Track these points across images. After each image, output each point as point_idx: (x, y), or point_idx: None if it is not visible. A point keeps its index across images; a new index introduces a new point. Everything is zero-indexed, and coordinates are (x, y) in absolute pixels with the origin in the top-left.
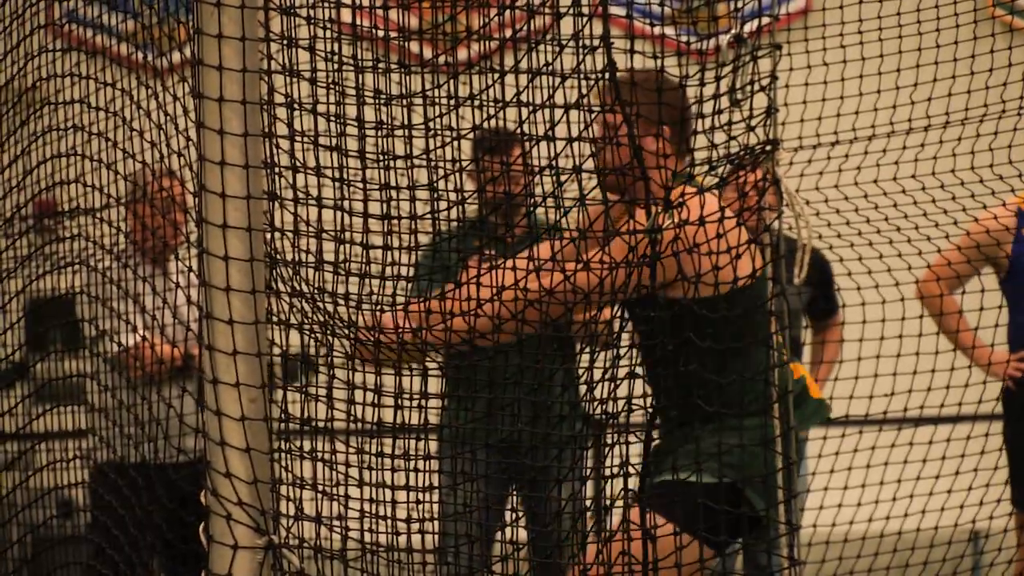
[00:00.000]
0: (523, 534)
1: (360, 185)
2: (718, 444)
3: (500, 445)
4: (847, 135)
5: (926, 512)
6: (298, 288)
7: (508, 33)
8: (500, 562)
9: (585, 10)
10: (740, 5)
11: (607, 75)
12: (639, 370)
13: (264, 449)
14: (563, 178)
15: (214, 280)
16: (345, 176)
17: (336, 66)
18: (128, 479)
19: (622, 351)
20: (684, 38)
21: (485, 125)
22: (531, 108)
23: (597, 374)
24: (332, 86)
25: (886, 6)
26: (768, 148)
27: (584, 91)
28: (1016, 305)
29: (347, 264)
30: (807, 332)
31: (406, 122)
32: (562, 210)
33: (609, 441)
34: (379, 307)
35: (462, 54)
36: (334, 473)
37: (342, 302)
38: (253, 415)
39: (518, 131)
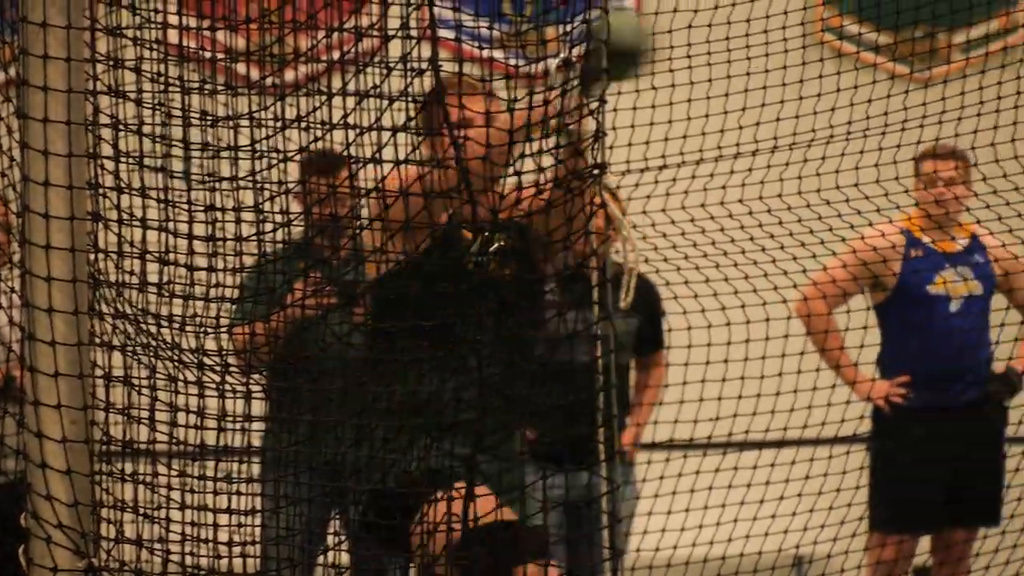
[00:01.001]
0: (345, 558)
1: (185, 206)
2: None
3: (323, 468)
4: (675, 159)
5: (750, 537)
6: (121, 309)
7: (336, 55)
8: None
9: (414, 33)
10: (569, 29)
11: (436, 97)
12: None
13: (85, 471)
14: (389, 200)
15: (36, 301)
16: (170, 197)
17: (162, 87)
18: None
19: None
20: (513, 61)
21: (312, 147)
22: (358, 130)
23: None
24: (158, 107)
25: (715, 31)
26: (596, 172)
27: (412, 113)
28: (897, 328)
29: (171, 285)
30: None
31: (232, 143)
32: (387, 232)
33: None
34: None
35: (289, 76)
36: (155, 496)
37: (166, 324)
38: (74, 437)
39: (345, 153)
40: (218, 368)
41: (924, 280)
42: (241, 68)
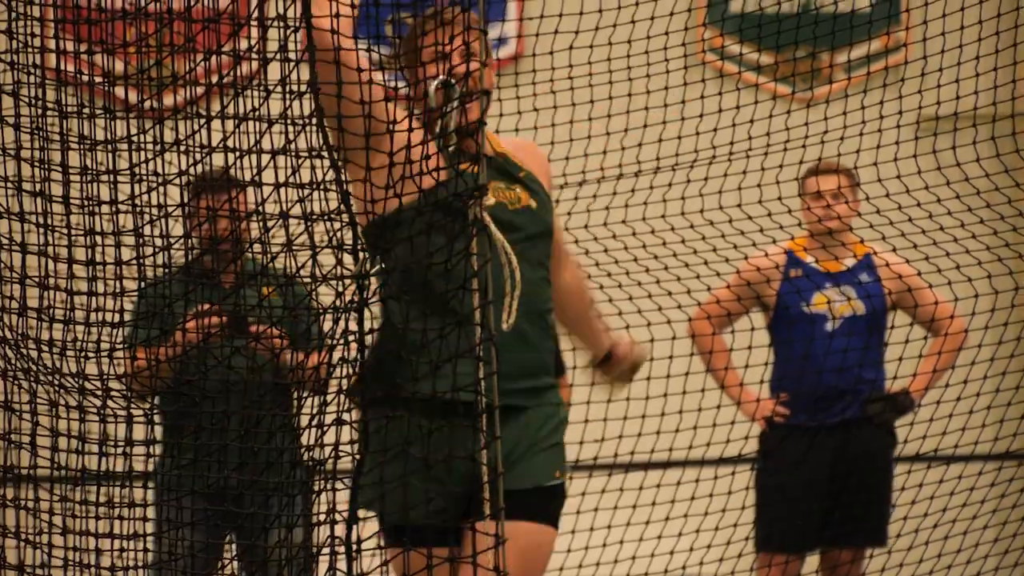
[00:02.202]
0: None
1: (64, 231)
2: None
3: (208, 492)
4: (558, 180)
5: (636, 558)
6: (1, 334)
7: (215, 79)
8: None
9: (292, 56)
10: (449, 51)
11: (314, 120)
12: (346, 416)
13: None
14: (270, 223)
15: None
16: (49, 222)
17: (40, 111)
18: None
19: (329, 397)
20: (393, 83)
21: (192, 171)
22: (238, 153)
23: (307, 420)
24: (36, 131)
25: (596, 51)
26: (476, 193)
27: (291, 136)
28: (780, 347)
29: (51, 310)
30: None
31: (111, 167)
32: (269, 255)
33: (317, 488)
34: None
35: (168, 99)
36: (37, 521)
37: (46, 348)
38: None
39: (231, 175)
40: (99, 393)
41: (803, 299)
42: (120, 92)
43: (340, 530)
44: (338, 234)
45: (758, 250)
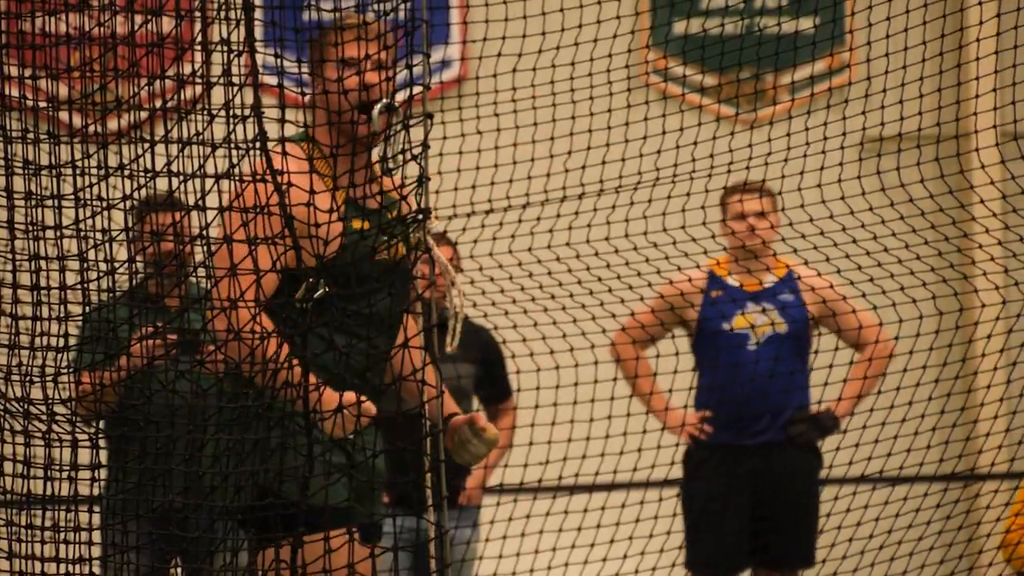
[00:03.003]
0: None
1: (9, 255)
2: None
3: (152, 516)
4: (502, 203)
5: None
6: None
7: (159, 103)
8: None
9: (236, 79)
10: (392, 74)
11: (258, 144)
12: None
13: None
14: (214, 248)
15: None
16: None
17: None
18: None
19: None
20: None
21: (136, 195)
22: (182, 177)
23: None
24: None
25: (540, 74)
26: (419, 217)
27: (235, 160)
28: (703, 367)
29: None
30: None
31: (55, 192)
32: (212, 278)
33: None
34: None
35: (112, 124)
36: None
37: None
38: None
39: (175, 199)
40: (44, 417)
41: (723, 319)
42: (64, 116)
43: (285, 553)
44: (282, 258)
45: (680, 275)
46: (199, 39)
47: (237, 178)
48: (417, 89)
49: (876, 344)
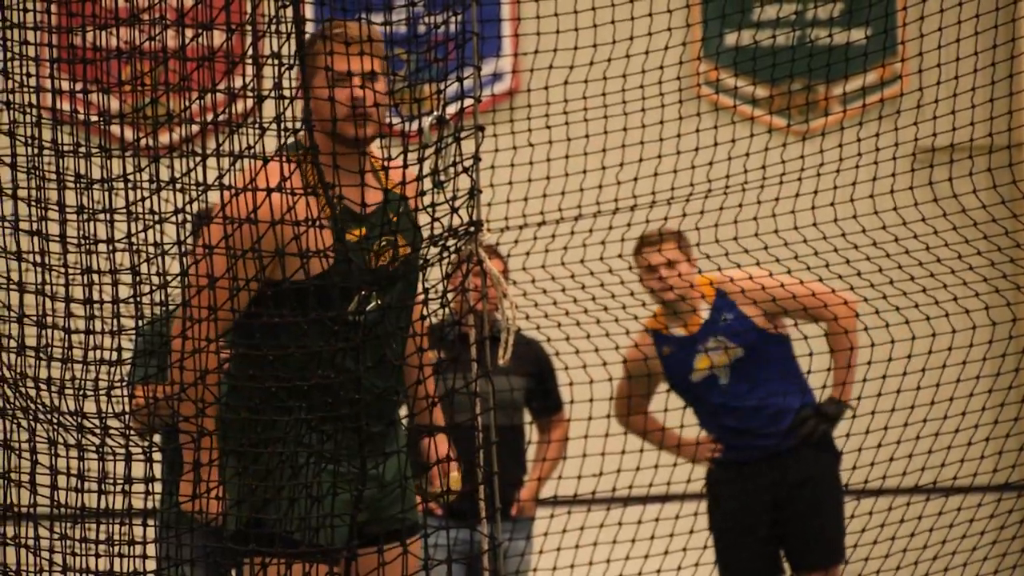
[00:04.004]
0: None
1: (62, 269)
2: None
3: (209, 529)
4: (553, 215)
5: None
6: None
7: (210, 116)
8: None
9: (287, 92)
10: (443, 87)
11: (309, 156)
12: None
13: None
14: (266, 260)
15: None
16: (47, 261)
17: (36, 150)
18: None
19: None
20: (388, 119)
21: (188, 208)
22: (233, 191)
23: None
24: (33, 170)
25: (591, 86)
26: (471, 229)
27: (288, 173)
28: (693, 409)
29: (49, 349)
30: (532, 428)
31: (108, 206)
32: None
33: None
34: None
35: (164, 137)
36: (38, 559)
37: (44, 387)
38: None
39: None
40: (98, 431)
41: (684, 373)
42: (116, 130)
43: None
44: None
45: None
46: (250, 53)
47: (288, 192)
48: (468, 101)
49: (837, 309)
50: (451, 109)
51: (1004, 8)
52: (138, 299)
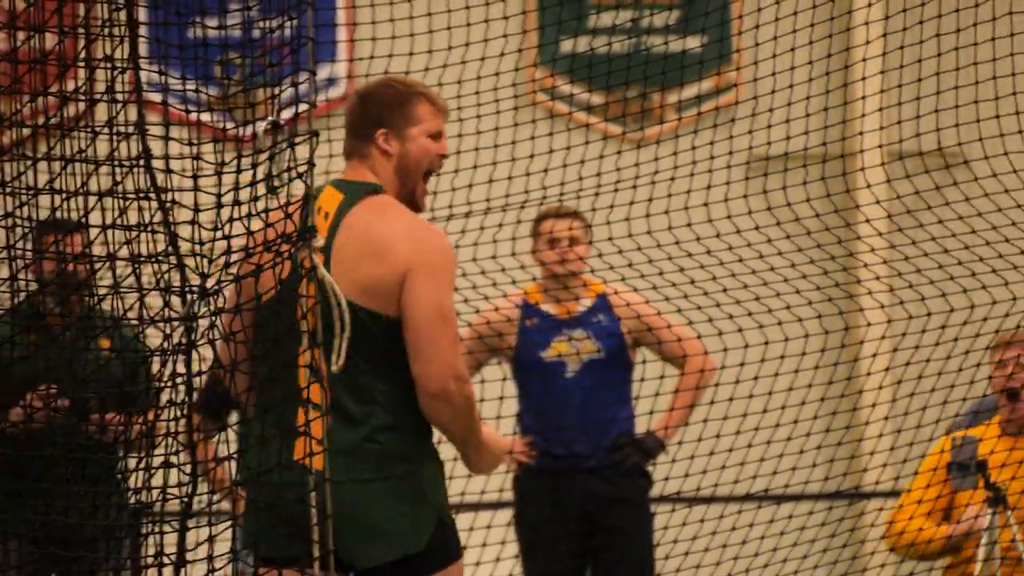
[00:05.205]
0: None
1: None
2: None
3: (34, 536)
4: None
5: None
6: None
7: (41, 120)
8: None
9: (119, 96)
10: (277, 92)
11: (142, 161)
12: (174, 459)
13: None
14: (97, 265)
15: None
16: None
17: None
18: None
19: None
20: (222, 124)
21: (16, 213)
22: (64, 195)
23: (133, 463)
24: None
25: None
26: (305, 235)
27: (119, 178)
28: (523, 396)
29: None
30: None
31: None
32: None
33: (144, 531)
34: None
35: None
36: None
37: None
38: None
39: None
40: None
41: (538, 348)
42: None
43: (168, 573)
44: (166, 276)
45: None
46: (83, 56)
47: (120, 196)
48: (303, 107)
49: (694, 358)
50: (285, 114)
51: (839, 18)
52: None
